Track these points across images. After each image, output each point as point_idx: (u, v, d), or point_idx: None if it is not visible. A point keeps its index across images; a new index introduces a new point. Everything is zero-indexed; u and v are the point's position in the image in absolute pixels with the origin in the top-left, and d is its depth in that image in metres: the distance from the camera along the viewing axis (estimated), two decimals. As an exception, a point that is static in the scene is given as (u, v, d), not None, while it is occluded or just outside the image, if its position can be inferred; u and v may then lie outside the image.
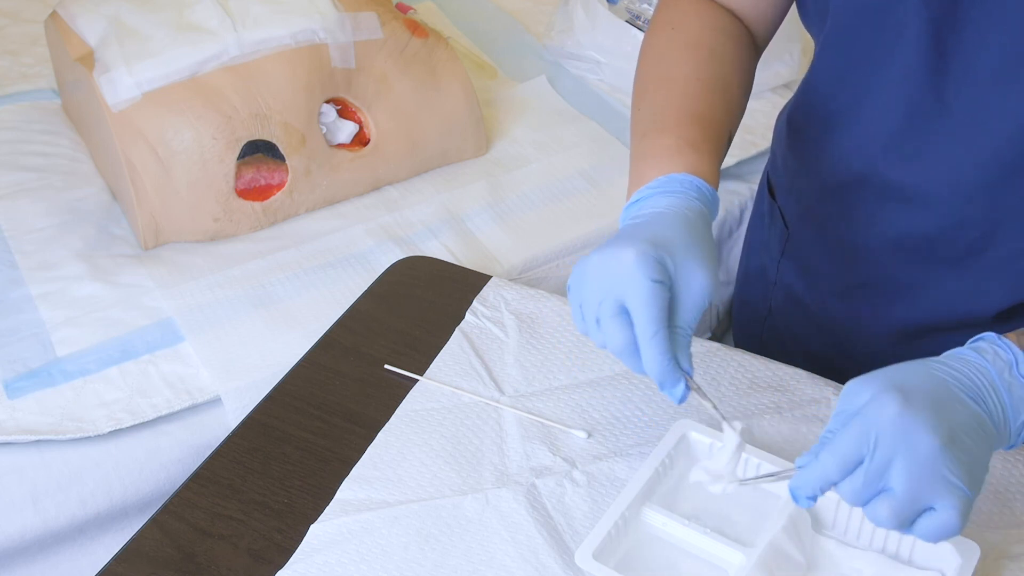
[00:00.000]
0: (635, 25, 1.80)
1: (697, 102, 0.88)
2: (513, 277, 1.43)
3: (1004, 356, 0.73)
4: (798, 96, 1.03)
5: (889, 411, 0.67)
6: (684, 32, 0.94)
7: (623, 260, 0.74)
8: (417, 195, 1.56)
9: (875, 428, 0.67)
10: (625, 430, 0.93)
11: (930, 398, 0.68)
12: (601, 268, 0.76)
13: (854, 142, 0.94)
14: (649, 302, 0.73)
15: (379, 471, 0.91)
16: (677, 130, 0.85)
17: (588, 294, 0.76)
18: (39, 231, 1.47)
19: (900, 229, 0.95)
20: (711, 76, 0.91)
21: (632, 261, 0.74)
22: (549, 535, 0.84)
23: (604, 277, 0.75)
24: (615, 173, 1.60)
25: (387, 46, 1.52)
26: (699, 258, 0.76)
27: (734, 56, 0.94)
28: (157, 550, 0.86)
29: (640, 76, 0.95)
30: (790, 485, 0.71)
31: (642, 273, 0.73)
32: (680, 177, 0.81)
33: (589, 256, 0.77)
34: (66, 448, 1.21)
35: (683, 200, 0.80)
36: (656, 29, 0.97)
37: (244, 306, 1.36)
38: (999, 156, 0.85)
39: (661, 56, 0.94)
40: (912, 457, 0.66)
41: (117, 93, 1.39)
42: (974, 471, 0.68)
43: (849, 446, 0.68)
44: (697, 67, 0.91)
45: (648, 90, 0.92)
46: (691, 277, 0.75)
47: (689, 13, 0.96)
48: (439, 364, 1.01)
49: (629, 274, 0.74)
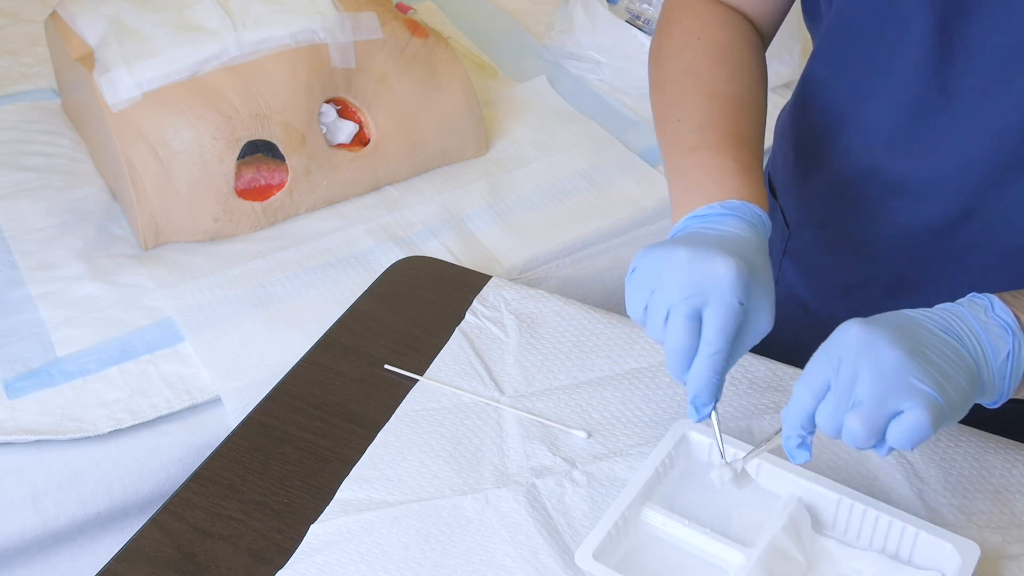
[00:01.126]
0: (635, 25, 1.80)
1: (739, 122, 0.88)
2: (513, 277, 1.43)
3: (979, 302, 0.74)
4: (798, 93, 1.03)
5: (851, 332, 0.69)
6: (710, 43, 0.93)
7: (719, 269, 0.73)
8: (417, 195, 1.56)
9: (837, 351, 0.69)
10: (625, 430, 0.93)
11: (895, 324, 0.70)
12: (692, 268, 0.74)
13: (857, 137, 0.94)
14: (728, 320, 0.73)
15: (379, 471, 0.91)
16: (732, 152, 0.84)
17: (667, 287, 0.74)
18: (39, 231, 1.47)
19: (904, 223, 0.94)
20: (745, 92, 0.91)
21: (730, 275, 0.73)
22: (549, 535, 0.84)
23: (693, 278, 0.74)
24: (615, 173, 1.60)
25: (387, 46, 1.52)
26: (769, 295, 0.76)
27: (757, 65, 0.94)
28: (157, 550, 0.86)
29: (668, 83, 0.93)
30: (782, 443, 0.72)
31: (732, 289, 0.73)
32: (751, 207, 0.80)
33: (674, 249, 0.75)
34: (66, 448, 1.21)
35: (754, 232, 0.79)
36: (674, 35, 0.96)
37: (244, 306, 1.36)
38: (1004, 147, 0.85)
39: (689, 67, 0.93)
40: (875, 366, 0.67)
41: (117, 93, 1.39)
42: (945, 385, 0.68)
43: (816, 372, 0.69)
44: (731, 81, 0.91)
45: (686, 102, 0.90)
46: (760, 312, 0.75)
47: (708, 21, 0.95)
48: (439, 364, 1.01)
49: (719, 285, 0.73)
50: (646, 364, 0.99)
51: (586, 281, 1.49)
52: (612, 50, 1.78)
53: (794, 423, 0.71)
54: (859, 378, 0.67)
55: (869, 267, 1.00)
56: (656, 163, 1.63)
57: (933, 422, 0.67)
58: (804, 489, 0.81)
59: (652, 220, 1.54)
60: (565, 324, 1.04)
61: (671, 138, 0.89)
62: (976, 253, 0.93)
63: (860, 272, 1.01)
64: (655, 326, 0.76)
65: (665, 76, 0.95)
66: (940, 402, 0.67)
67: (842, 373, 0.68)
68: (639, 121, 1.71)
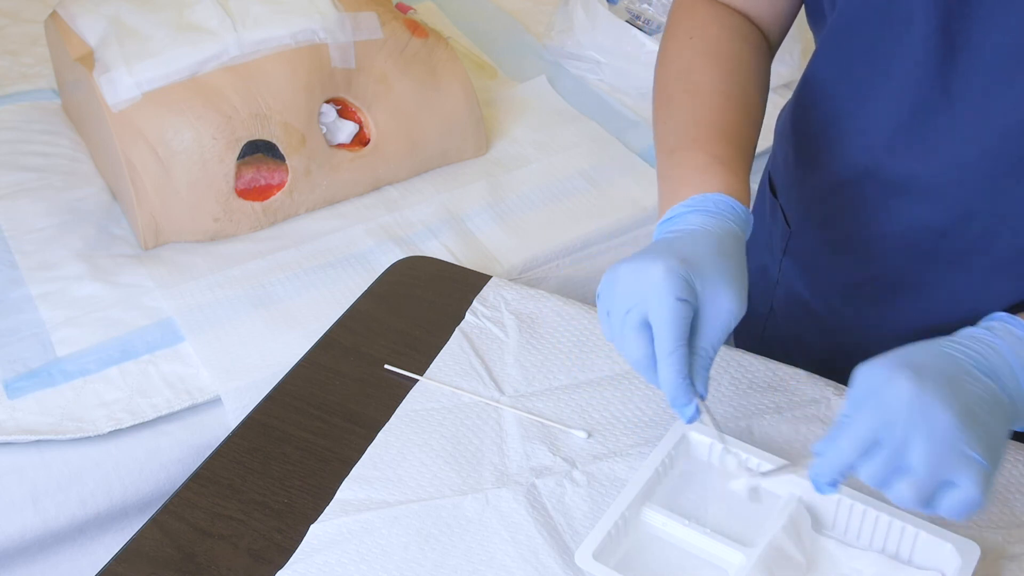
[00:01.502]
0: (635, 25, 1.80)
1: (724, 116, 0.88)
2: (513, 277, 1.43)
3: (1016, 332, 0.73)
4: (798, 92, 1.03)
5: (903, 390, 0.67)
6: (704, 41, 0.94)
7: (651, 274, 0.74)
8: (417, 195, 1.56)
9: (890, 408, 0.67)
10: (625, 430, 0.93)
11: (943, 375, 0.69)
12: (629, 279, 0.76)
13: (859, 136, 0.94)
14: (671, 320, 0.73)
15: (379, 471, 0.91)
16: (708, 146, 0.85)
17: (616, 303, 0.77)
18: (39, 231, 1.47)
19: (906, 223, 0.94)
20: (735, 88, 0.91)
21: (659, 276, 0.74)
22: (549, 535, 0.84)
23: (631, 289, 0.76)
24: (615, 173, 1.60)
25: (387, 46, 1.52)
26: (727, 280, 0.76)
27: (755, 64, 0.94)
28: (157, 550, 0.86)
29: (662, 87, 0.95)
30: (810, 473, 0.71)
31: (667, 290, 0.74)
32: (714, 197, 0.81)
33: (620, 264, 0.78)
34: (66, 448, 1.21)
35: (717, 220, 0.80)
36: (674, 38, 0.96)
37: (244, 306, 1.36)
38: (1006, 148, 0.85)
39: (683, 67, 0.93)
40: (929, 434, 0.66)
41: (117, 93, 1.39)
42: (992, 445, 0.68)
43: (866, 428, 0.68)
44: (721, 79, 0.91)
45: (673, 103, 0.92)
46: (718, 298, 0.75)
47: (707, 21, 0.96)
48: (439, 364, 1.01)
49: (655, 289, 0.74)
50: (646, 364, 0.99)
51: (586, 281, 1.49)
52: (612, 50, 1.78)
53: (832, 469, 0.70)
54: (912, 444, 0.67)
55: (870, 267, 1.00)
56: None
57: (984, 492, 0.67)
58: (804, 489, 0.81)
59: (652, 220, 1.54)
60: (565, 324, 1.04)
61: (658, 141, 0.91)
62: (978, 253, 0.92)
63: (861, 271, 1.01)
64: (619, 343, 0.78)
65: (660, 79, 0.95)
66: (989, 469, 0.67)
67: (894, 437, 0.67)
68: (639, 121, 1.71)
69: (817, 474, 0.71)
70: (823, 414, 0.93)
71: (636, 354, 0.76)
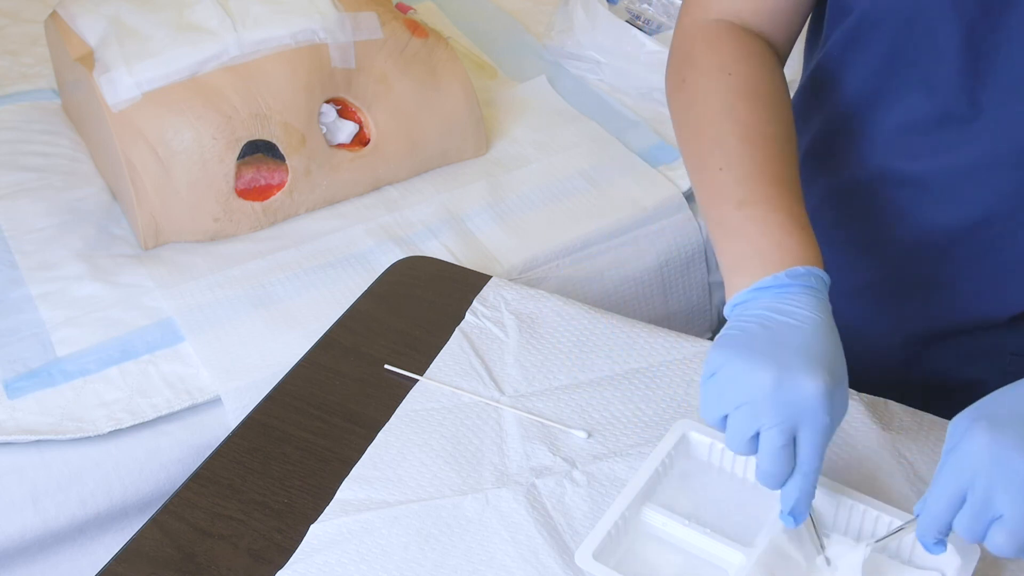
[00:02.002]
0: (635, 25, 1.80)
1: (784, 167, 0.84)
2: (513, 277, 1.43)
3: None
4: (806, 94, 1.02)
5: (979, 441, 0.68)
6: (741, 79, 0.89)
7: (808, 391, 0.71)
8: (417, 195, 1.56)
9: (971, 460, 0.68)
10: (625, 430, 0.93)
11: (1020, 420, 0.68)
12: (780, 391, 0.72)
13: (876, 139, 0.93)
14: (822, 442, 0.72)
15: (379, 471, 0.91)
16: (783, 205, 0.81)
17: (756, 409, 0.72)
18: (39, 231, 1.47)
19: (921, 225, 0.93)
20: (784, 133, 0.87)
21: (820, 396, 0.71)
22: (549, 535, 0.84)
23: (783, 402, 0.72)
24: (615, 173, 1.60)
25: (387, 46, 1.52)
26: (845, 378, 0.75)
27: (786, 99, 0.91)
28: (157, 550, 0.86)
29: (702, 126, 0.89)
30: (919, 537, 0.72)
31: (826, 411, 0.72)
32: (815, 272, 0.78)
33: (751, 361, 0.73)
34: (66, 448, 1.21)
35: (822, 302, 0.77)
36: (705, 71, 0.91)
37: (244, 306, 1.36)
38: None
39: (727, 108, 0.88)
40: (1012, 481, 0.66)
41: (117, 93, 1.39)
42: None
43: (950, 485, 0.69)
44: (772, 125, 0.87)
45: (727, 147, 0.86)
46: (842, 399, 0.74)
47: (739, 55, 0.91)
48: (439, 364, 1.01)
49: (814, 409, 0.71)
50: (646, 364, 0.99)
51: (586, 281, 1.49)
52: (612, 50, 1.78)
53: (932, 532, 0.71)
54: (997, 494, 0.67)
55: (880, 269, 0.99)
56: (656, 163, 1.63)
57: None
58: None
59: (652, 220, 1.54)
60: (565, 324, 1.04)
61: (715, 189, 0.85)
62: (992, 255, 0.92)
63: (871, 273, 1.01)
64: (738, 441, 0.74)
65: (699, 117, 0.90)
66: None
67: (978, 490, 0.68)
68: (639, 121, 1.71)
69: (921, 535, 0.72)
70: (823, 414, 0.93)
71: (776, 469, 0.73)
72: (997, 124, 0.84)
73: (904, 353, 1.02)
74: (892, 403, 0.94)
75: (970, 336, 0.98)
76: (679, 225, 1.56)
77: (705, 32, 0.93)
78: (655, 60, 1.72)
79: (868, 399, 0.94)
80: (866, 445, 0.90)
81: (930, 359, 1.01)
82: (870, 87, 0.91)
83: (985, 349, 0.98)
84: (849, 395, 0.94)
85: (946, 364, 1.01)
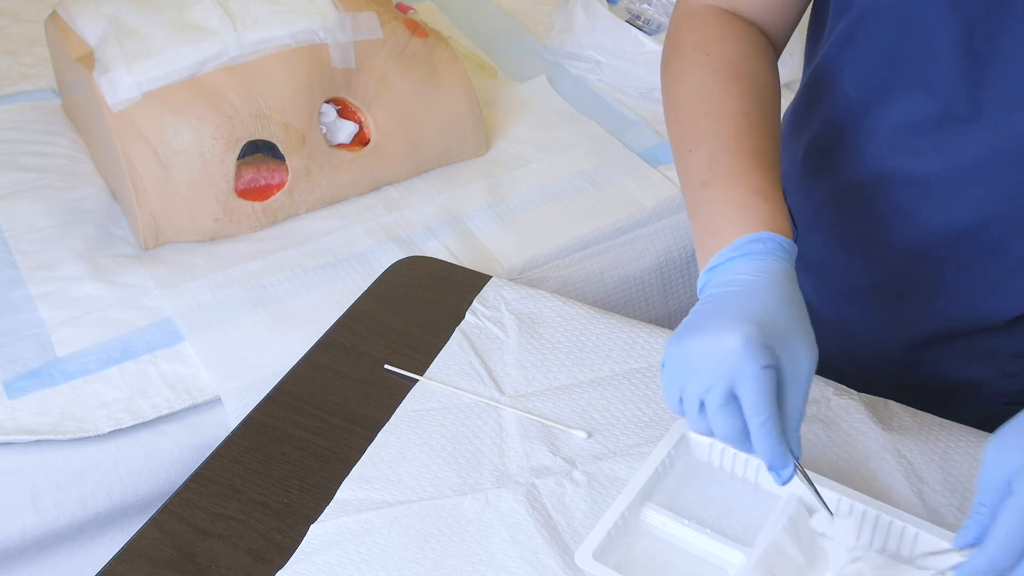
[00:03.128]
0: (635, 25, 1.80)
1: (753, 142, 0.84)
2: (513, 277, 1.43)
3: None
4: (805, 94, 1.01)
5: None
6: (722, 61, 0.90)
7: (731, 347, 0.71)
8: (417, 195, 1.56)
9: None
10: (625, 430, 0.93)
11: None
12: (706, 355, 0.73)
13: (876, 139, 0.92)
14: (760, 390, 0.71)
15: (379, 471, 0.91)
16: (743, 178, 0.81)
17: (692, 381, 0.73)
18: (39, 231, 1.47)
19: (922, 225, 0.93)
20: (758, 109, 0.87)
21: (739, 348, 0.71)
22: (549, 535, 0.84)
23: (709, 365, 0.72)
24: (615, 173, 1.60)
25: (387, 46, 1.52)
26: (802, 335, 0.74)
27: (771, 79, 0.91)
28: (157, 550, 0.86)
29: (677, 107, 0.90)
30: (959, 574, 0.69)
31: (751, 360, 0.71)
32: (763, 236, 0.77)
33: (688, 339, 0.74)
34: (66, 448, 1.21)
35: (769, 263, 0.76)
36: (685, 52, 0.92)
37: (244, 306, 1.36)
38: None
39: (702, 88, 0.89)
40: None
41: (117, 93, 1.39)
42: None
43: (1015, 533, 0.65)
44: (743, 100, 0.87)
45: (697, 129, 0.87)
46: (797, 357, 0.73)
47: (719, 35, 0.92)
48: (439, 364, 1.01)
49: (737, 363, 0.71)
50: (646, 364, 0.99)
51: (586, 281, 1.49)
52: (612, 50, 1.78)
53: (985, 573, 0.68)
54: None
55: (881, 270, 0.99)
56: (656, 163, 1.63)
57: None
58: (804, 489, 0.81)
59: (652, 220, 1.54)
60: (565, 324, 1.04)
61: (685, 172, 0.86)
62: (994, 256, 0.91)
63: (871, 274, 1.00)
64: (691, 418, 0.75)
65: (676, 99, 0.91)
66: None
67: None
68: (639, 121, 1.71)
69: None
70: (823, 414, 0.93)
71: (727, 430, 0.73)
72: (997, 125, 0.84)
73: (904, 354, 1.02)
74: (892, 403, 0.94)
75: (970, 337, 0.98)
76: (679, 225, 1.56)
77: (692, 17, 0.94)
78: (655, 60, 1.71)
79: (868, 399, 0.94)
80: (866, 445, 0.90)
81: (930, 360, 1.01)
82: (869, 85, 0.91)
83: (985, 350, 0.98)
84: (849, 393, 0.94)
85: (946, 365, 1.01)
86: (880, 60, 0.89)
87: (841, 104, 0.95)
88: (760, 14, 0.95)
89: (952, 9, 0.81)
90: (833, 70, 0.95)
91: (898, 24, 0.86)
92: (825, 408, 0.94)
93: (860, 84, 0.92)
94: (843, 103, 0.95)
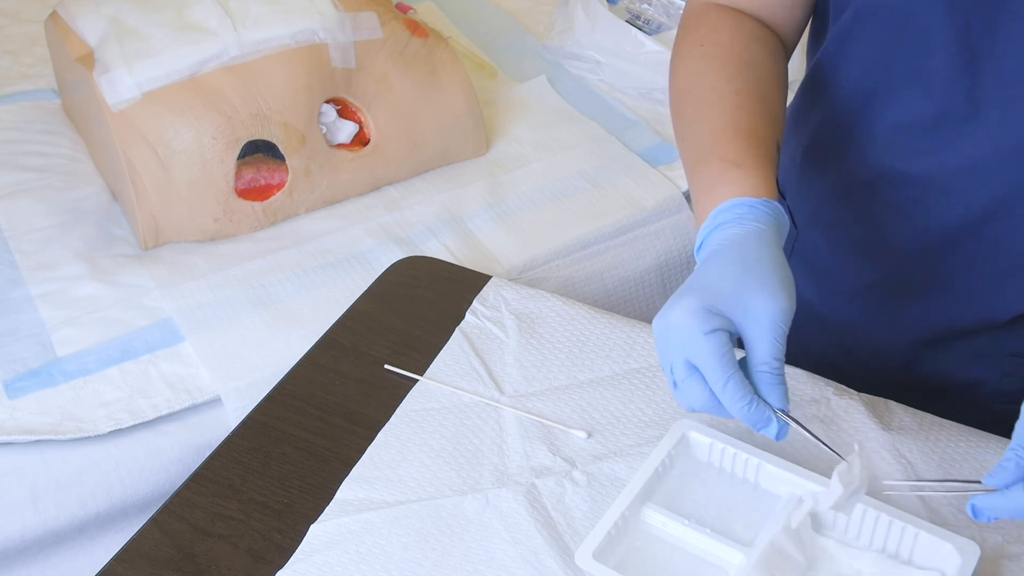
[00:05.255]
0: (635, 25, 1.80)
1: (736, 116, 0.85)
2: (513, 277, 1.43)
3: None
4: (805, 93, 1.01)
5: None
6: (713, 47, 0.91)
7: (674, 322, 0.74)
8: (417, 195, 1.56)
9: None
10: (625, 430, 0.93)
11: None
12: (661, 333, 0.75)
13: (875, 138, 0.92)
14: (709, 354, 0.72)
15: (379, 471, 0.91)
16: (721, 153, 0.83)
17: (663, 362, 0.76)
18: (39, 231, 1.47)
19: (921, 225, 0.93)
20: (747, 86, 0.88)
21: (680, 320, 0.73)
22: (549, 535, 0.84)
23: (666, 342, 0.75)
24: (615, 173, 1.60)
25: (387, 46, 1.52)
26: (758, 288, 0.74)
27: (767, 63, 0.92)
28: (157, 550, 0.86)
29: (676, 100, 0.92)
30: (976, 503, 0.70)
31: (693, 329, 0.72)
32: (727, 206, 0.79)
33: (655, 319, 0.76)
34: (66, 448, 1.21)
35: (735, 228, 0.78)
36: (685, 49, 0.94)
37: (244, 306, 1.36)
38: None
39: (693, 77, 0.91)
40: None
41: (117, 93, 1.39)
42: None
43: None
44: (731, 80, 0.88)
45: (687, 116, 0.89)
46: (754, 308, 0.73)
47: (718, 27, 0.93)
48: (439, 364, 1.01)
49: (682, 334, 0.73)
50: (646, 364, 0.99)
51: (586, 281, 1.49)
52: (612, 50, 1.78)
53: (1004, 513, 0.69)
54: None
55: (880, 269, 0.99)
56: (656, 163, 1.63)
57: None
58: (804, 489, 0.81)
59: (652, 220, 1.54)
60: (565, 324, 1.04)
61: (683, 158, 0.88)
62: (991, 258, 0.91)
63: (870, 273, 1.00)
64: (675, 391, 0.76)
65: (673, 90, 0.93)
66: None
67: None
68: (639, 121, 1.71)
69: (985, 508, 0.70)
70: (823, 414, 0.93)
71: (697, 401, 0.74)
72: (995, 123, 0.84)
73: (904, 353, 1.02)
74: (892, 403, 0.94)
75: (970, 337, 0.98)
76: (679, 225, 1.56)
77: (697, 17, 0.95)
78: (655, 60, 1.72)
79: (868, 399, 0.94)
80: (866, 445, 0.90)
81: (930, 359, 1.01)
82: (867, 84, 0.91)
83: (985, 350, 0.98)
84: (849, 393, 0.94)
85: (946, 364, 1.01)
86: (877, 59, 0.89)
87: (839, 102, 0.95)
88: (765, 13, 0.95)
89: (948, 8, 0.82)
90: (832, 68, 0.95)
91: (895, 22, 0.86)
92: (825, 408, 0.94)
93: (858, 82, 0.92)
94: (841, 101, 0.95)
